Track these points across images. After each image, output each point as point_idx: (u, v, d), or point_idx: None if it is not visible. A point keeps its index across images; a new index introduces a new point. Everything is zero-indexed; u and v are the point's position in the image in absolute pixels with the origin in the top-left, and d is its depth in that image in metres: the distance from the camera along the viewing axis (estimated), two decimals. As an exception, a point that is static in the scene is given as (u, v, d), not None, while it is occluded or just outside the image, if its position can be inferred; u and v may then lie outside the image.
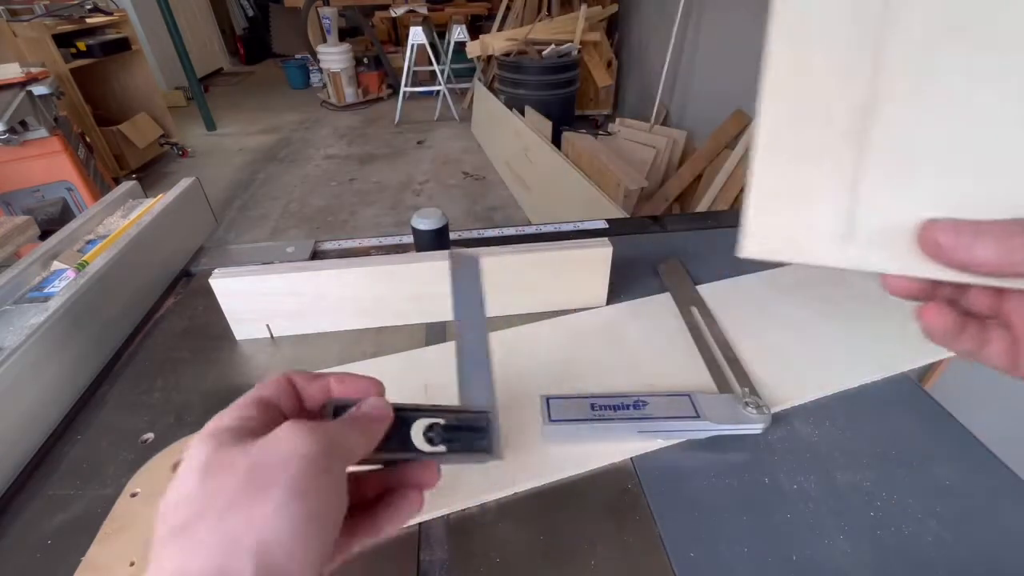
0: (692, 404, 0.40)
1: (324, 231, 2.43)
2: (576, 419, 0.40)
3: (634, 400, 0.41)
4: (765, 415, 0.41)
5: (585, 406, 0.40)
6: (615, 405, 0.40)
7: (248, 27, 5.70)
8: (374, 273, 0.54)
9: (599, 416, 0.40)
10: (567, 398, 0.41)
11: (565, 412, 0.41)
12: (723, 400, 0.42)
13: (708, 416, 0.40)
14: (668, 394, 0.41)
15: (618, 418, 0.40)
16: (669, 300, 0.58)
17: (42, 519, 0.40)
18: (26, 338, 0.44)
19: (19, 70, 1.80)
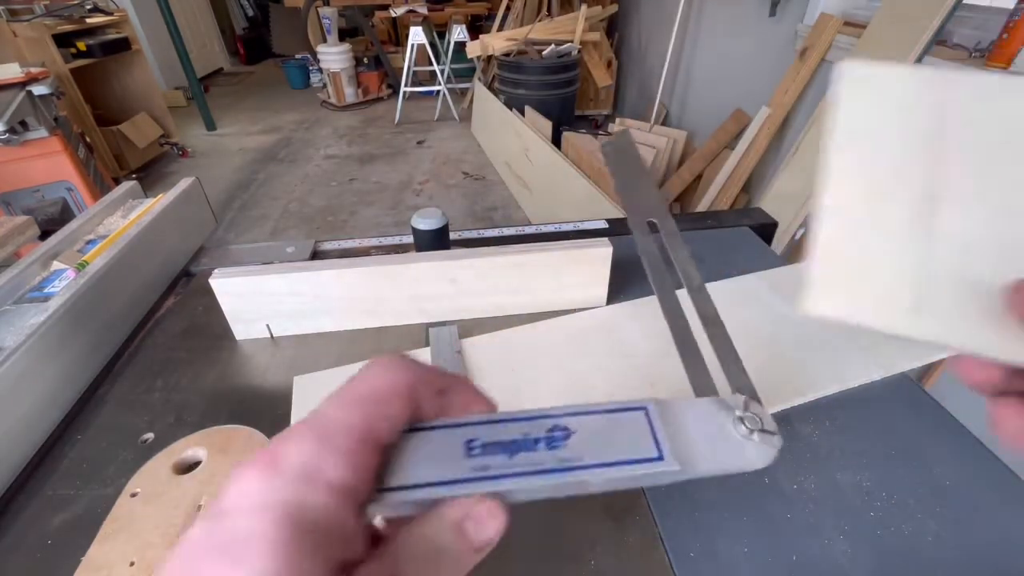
0: (650, 430, 0.20)
1: (324, 231, 2.43)
2: (427, 483, 0.18)
3: (549, 429, 0.20)
4: (770, 439, 0.21)
5: (456, 446, 0.19)
6: (512, 442, 0.20)
7: (248, 27, 5.70)
8: (374, 273, 0.54)
9: (479, 472, 0.19)
10: (420, 430, 0.19)
11: (415, 465, 0.19)
12: (703, 411, 0.22)
13: (679, 451, 0.20)
14: (612, 410, 0.21)
15: (513, 471, 0.19)
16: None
17: (42, 519, 0.40)
18: (26, 338, 0.44)
19: (19, 70, 1.80)
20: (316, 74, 4.58)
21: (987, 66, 1.29)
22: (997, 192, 0.21)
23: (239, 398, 0.50)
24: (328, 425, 0.15)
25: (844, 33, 1.74)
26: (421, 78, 3.95)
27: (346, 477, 0.15)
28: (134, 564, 0.35)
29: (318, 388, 0.49)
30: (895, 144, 0.22)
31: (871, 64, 0.23)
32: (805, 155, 1.72)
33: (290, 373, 0.51)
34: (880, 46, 1.52)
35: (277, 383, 0.51)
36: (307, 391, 0.49)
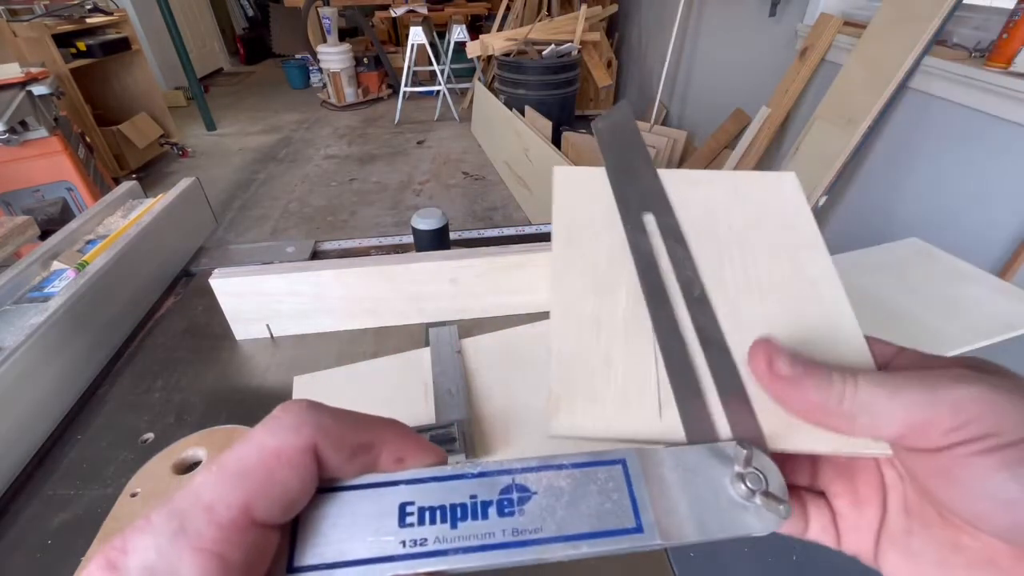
0: (628, 491, 0.16)
1: (324, 231, 2.43)
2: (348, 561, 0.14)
3: (503, 489, 0.16)
4: (775, 506, 0.16)
5: (386, 512, 0.15)
6: (456, 507, 0.16)
7: (248, 27, 5.70)
8: (374, 273, 0.54)
9: (413, 548, 0.15)
10: (345, 489, 0.16)
11: (335, 537, 0.15)
12: (695, 463, 0.17)
13: (662, 518, 0.16)
14: (583, 464, 0.17)
15: (454, 546, 0.15)
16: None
17: (42, 519, 0.40)
18: (26, 338, 0.44)
19: (19, 70, 1.80)
20: (316, 74, 4.58)
21: (987, 66, 1.29)
22: (730, 279, 0.22)
23: (239, 398, 0.50)
24: (192, 511, 0.12)
25: (844, 33, 1.74)
26: (421, 78, 3.95)
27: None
28: (134, 564, 0.35)
29: (318, 388, 0.49)
30: (608, 238, 0.24)
31: (577, 168, 0.26)
32: (805, 155, 1.72)
33: (290, 373, 0.51)
34: (880, 46, 1.52)
35: (277, 383, 0.51)
36: (307, 391, 0.49)
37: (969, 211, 1.39)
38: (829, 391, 0.16)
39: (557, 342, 0.21)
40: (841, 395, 0.16)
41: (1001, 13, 1.34)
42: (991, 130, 1.31)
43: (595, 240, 0.24)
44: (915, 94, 1.50)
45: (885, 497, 0.19)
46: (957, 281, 0.57)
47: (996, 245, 1.32)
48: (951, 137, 1.42)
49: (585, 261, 0.23)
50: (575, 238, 0.24)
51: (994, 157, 1.31)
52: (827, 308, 0.21)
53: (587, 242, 0.24)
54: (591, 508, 0.16)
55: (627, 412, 0.19)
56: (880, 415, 0.16)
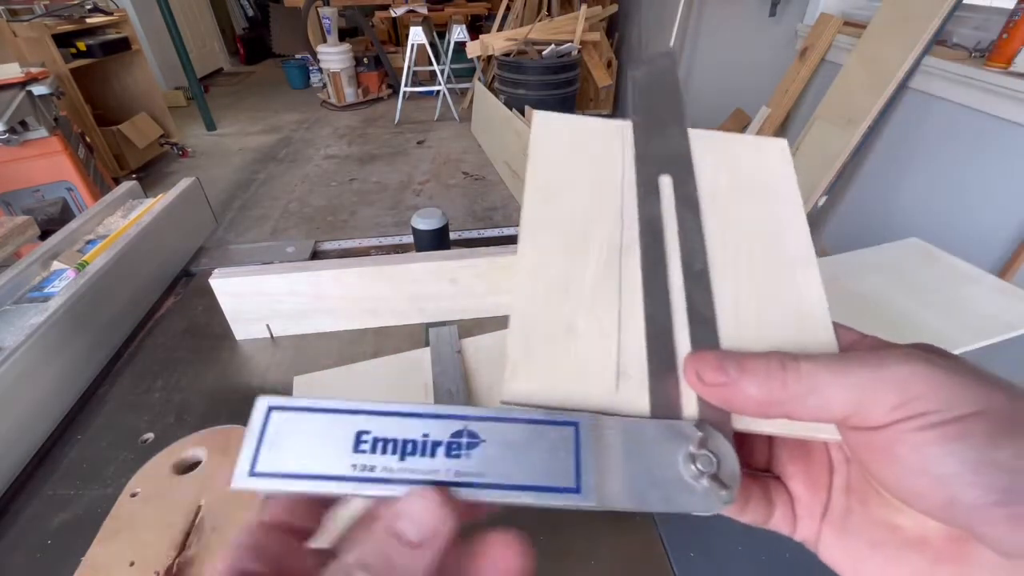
0: (575, 452, 0.17)
1: (324, 231, 2.43)
2: (305, 474, 0.16)
3: (455, 433, 0.17)
4: (718, 492, 0.17)
5: (346, 435, 0.17)
6: (408, 442, 0.17)
7: (248, 27, 5.70)
8: (374, 273, 0.54)
9: (361, 472, 0.16)
10: (312, 411, 0.17)
11: (297, 448, 0.17)
12: (650, 437, 0.18)
13: (603, 484, 0.17)
14: (538, 420, 0.17)
15: (398, 476, 0.16)
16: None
17: (42, 519, 0.40)
18: (26, 338, 0.44)
19: (19, 70, 1.80)
20: (316, 74, 4.58)
21: (987, 66, 1.29)
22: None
23: (239, 398, 0.50)
24: None
25: (844, 33, 1.74)
26: (421, 78, 3.95)
27: None
28: (134, 564, 0.35)
29: (318, 388, 0.49)
30: (587, 194, 0.22)
31: (562, 116, 0.24)
32: (805, 155, 1.72)
33: (290, 373, 0.51)
34: (880, 46, 1.52)
35: (277, 383, 0.51)
36: (307, 391, 0.49)
37: (969, 211, 1.39)
38: (769, 382, 0.16)
39: (519, 304, 0.20)
40: (783, 382, 0.16)
41: (1001, 13, 1.34)
42: (991, 130, 1.31)
43: (574, 199, 0.22)
44: (915, 94, 1.50)
45: (832, 478, 0.19)
46: (957, 281, 0.57)
47: (996, 245, 1.32)
48: (951, 137, 1.42)
49: (560, 220, 0.22)
50: (552, 195, 0.22)
51: (994, 157, 1.31)
52: (800, 292, 0.21)
53: (565, 200, 0.22)
54: (535, 463, 0.17)
55: (584, 382, 0.19)
56: (824, 395, 0.16)
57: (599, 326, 0.20)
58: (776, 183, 0.24)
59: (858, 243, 0.61)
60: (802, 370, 0.16)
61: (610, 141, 0.24)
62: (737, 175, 0.24)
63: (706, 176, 0.23)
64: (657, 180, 0.23)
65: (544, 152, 0.23)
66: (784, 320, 0.20)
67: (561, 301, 0.20)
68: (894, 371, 0.15)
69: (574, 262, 0.21)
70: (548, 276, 0.20)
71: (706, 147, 0.24)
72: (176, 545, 0.36)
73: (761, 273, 0.21)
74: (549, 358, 0.19)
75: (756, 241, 0.22)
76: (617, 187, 0.23)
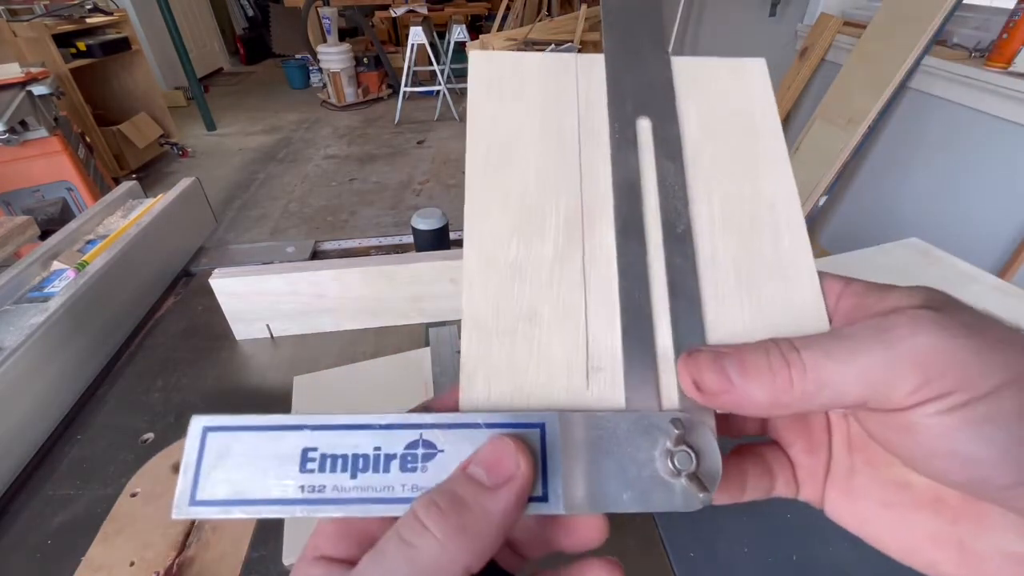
0: (541, 457, 0.16)
1: (324, 231, 2.43)
2: (244, 500, 0.15)
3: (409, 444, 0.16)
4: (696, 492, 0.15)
5: (291, 454, 0.15)
6: (359, 457, 0.15)
7: (248, 27, 5.69)
8: (374, 273, 0.54)
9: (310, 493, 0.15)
10: (252, 429, 0.16)
11: (239, 472, 0.15)
12: (623, 432, 0.16)
13: (571, 488, 0.15)
14: (499, 424, 0.16)
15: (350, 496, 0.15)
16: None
17: (42, 519, 0.40)
18: (26, 338, 0.44)
19: (19, 70, 1.80)
20: (316, 74, 4.58)
21: (987, 66, 1.29)
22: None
23: (239, 398, 0.50)
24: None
25: (844, 33, 1.74)
26: (421, 78, 3.95)
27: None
28: (134, 564, 0.35)
29: (318, 388, 0.49)
30: (540, 153, 0.19)
31: (504, 54, 0.21)
32: (805, 155, 1.72)
33: (290, 373, 0.51)
34: (880, 46, 1.52)
35: (277, 383, 0.51)
36: (307, 391, 0.49)
37: (969, 211, 1.39)
38: (774, 384, 0.15)
39: (469, 301, 0.17)
40: (789, 381, 0.15)
41: (1001, 13, 1.34)
42: (991, 130, 1.31)
43: (524, 160, 0.19)
44: (915, 94, 1.50)
45: (830, 437, 0.18)
46: (957, 281, 0.57)
47: (996, 245, 1.32)
48: (951, 137, 1.42)
49: (508, 191, 0.18)
50: (497, 159, 0.19)
51: (994, 157, 1.31)
52: (783, 243, 0.18)
53: (513, 164, 0.19)
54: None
55: (550, 378, 0.17)
56: (836, 389, 0.14)
57: (564, 311, 0.17)
58: (758, 119, 0.20)
59: (858, 243, 0.61)
60: (807, 363, 0.15)
61: (562, 79, 0.20)
62: (716, 111, 0.20)
63: (685, 116, 0.20)
64: (635, 124, 0.19)
65: (485, 107, 0.20)
66: (770, 276, 0.18)
67: (517, 287, 0.17)
68: (908, 347, 0.14)
69: (529, 240, 0.18)
70: (499, 262, 0.18)
71: (679, 79, 0.21)
72: (176, 545, 0.36)
73: (745, 223, 0.19)
74: (509, 354, 0.17)
75: (736, 192, 0.19)
76: (574, 138, 0.19)
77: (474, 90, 0.20)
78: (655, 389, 0.17)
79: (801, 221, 0.19)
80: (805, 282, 0.18)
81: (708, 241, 0.18)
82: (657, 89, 0.20)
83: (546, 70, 0.20)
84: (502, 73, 0.20)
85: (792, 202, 0.19)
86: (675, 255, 0.18)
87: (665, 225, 0.18)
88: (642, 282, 0.17)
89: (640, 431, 0.16)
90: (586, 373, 0.17)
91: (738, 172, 0.19)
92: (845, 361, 0.14)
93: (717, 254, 0.18)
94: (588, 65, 0.21)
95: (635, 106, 0.19)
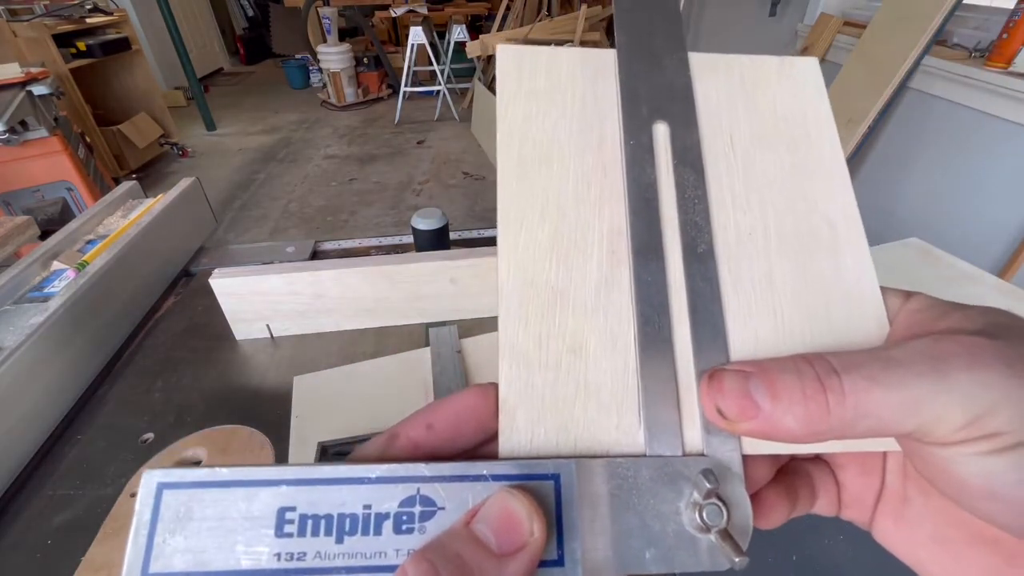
0: (555, 514, 0.14)
1: (324, 231, 2.43)
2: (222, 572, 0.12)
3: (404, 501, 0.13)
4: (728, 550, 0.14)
5: (265, 514, 0.13)
6: (345, 517, 0.13)
7: (248, 27, 5.69)
8: (374, 273, 0.54)
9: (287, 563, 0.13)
10: (217, 485, 0.13)
11: (202, 537, 0.13)
12: (645, 482, 0.14)
13: (590, 550, 0.13)
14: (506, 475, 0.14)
15: (335, 565, 0.13)
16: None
17: (42, 519, 0.40)
18: (26, 338, 0.44)
19: (19, 70, 1.80)
20: (316, 74, 4.58)
21: (987, 66, 1.29)
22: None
23: (239, 398, 0.50)
24: None
25: (844, 33, 1.74)
26: (421, 78, 3.95)
27: None
28: (134, 564, 0.35)
29: (318, 388, 0.49)
30: (579, 160, 0.17)
31: (536, 49, 0.19)
32: (805, 155, 1.71)
33: (290, 373, 0.51)
34: (880, 46, 1.52)
35: (277, 383, 0.51)
36: (307, 391, 0.49)
37: (969, 211, 1.39)
38: (809, 412, 0.13)
39: (507, 328, 0.15)
40: (825, 408, 0.13)
41: (1001, 13, 1.34)
42: (991, 130, 1.31)
43: (562, 169, 0.17)
44: (915, 94, 1.50)
45: (885, 462, 0.18)
46: (957, 281, 0.57)
47: (996, 245, 1.32)
48: (951, 137, 1.42)
49: (545, 204, 0.17)
50: (533, 167, 0.17)
51: (994, 157, 1.31)
52: (843, 261, 0.17)
53: (551, 173, 0.17)
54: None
55: (599, 420, 0.15)
56: (877, 416, 0.13)
57: (612, 342, 0.16)
58: (809, 117, 0.19)
59: (858, 243, 0.61)
60: (846, 388, 0.13)
61: (600, 79, 0.18)
62: (758, 114, 0.18)
63: (717, 119, 0.18)
64: (651, 130, 0.17)
65: (516, 105, 0.18)
66: (830, 299, 0.16)
67: (559, 315, 0.16)
68: (960, 378, 0.12)
69: (570, 260, 0.16)
70: (538, 283, 0.16)
71: (713, 77, 0.19)
72: (176, 545, 0.36)
73: (799, 243, 0.17)
74: (552, 391, 0.15)
75: (785, 204, 0.17)
76: (616, 143, 0.18)
77: (504, 87, 0.18)
78: (679, 428, 0.15)
79: (863, 240, 0.17)
80: (868, 303, 0.16)
81: (761, 260, 0.17)
82: (675, 92, 0.18)
83: (583, 67, 0.18)
84: (535, 69, 0.18)
85: (853, 220, 0.18)
86: (697, 277, 0.16)
87: (685, 242, 0.17)
88: (661, 304, 0.16)
89: (664, 480, 0.14)
90: (638, 410, 0.15)
91: (790, 186, 0.18)
92: (890, 388, 0.13)
93: (762, 271, 0.17)
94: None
95: (651, 109, 0.18)
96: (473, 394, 0.15)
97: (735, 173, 0.18)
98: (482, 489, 0.13)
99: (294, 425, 0.46)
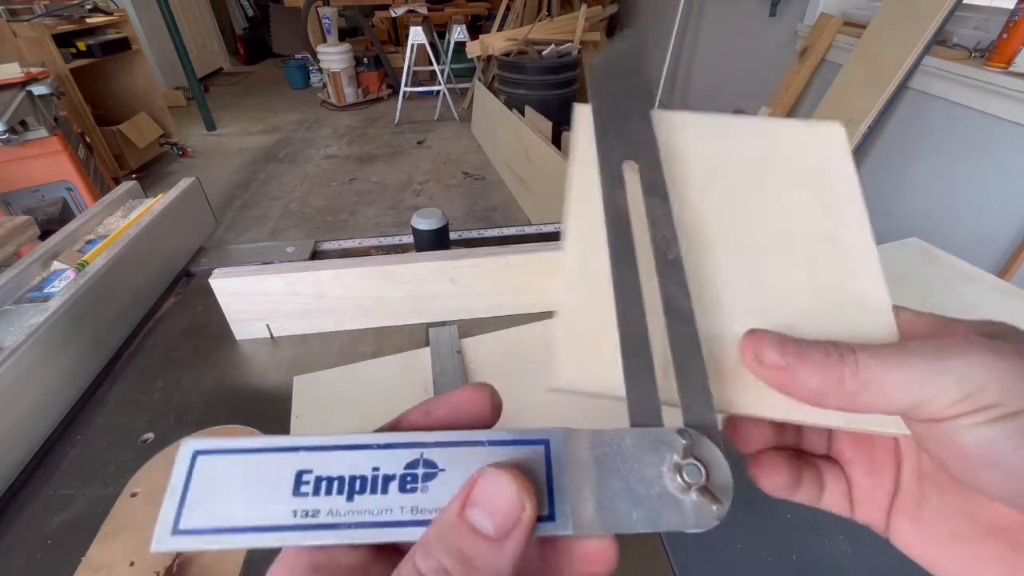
0: (546, 475, 0.15)
1: (324, 231, 2.43)
2: (244, 528, 0.14)
3: (409, 463, 0.15)
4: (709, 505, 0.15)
5: (284, 477, 0.15)
6: (356, 479, 0.15)
7: (248, 27, 5.69)
8: (374, 273, 0.54)
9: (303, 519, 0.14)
10: (244, 452, 0.15)
11: (228, 498, 0.15)
12: (630, 448, 0.16)
13: (579, 508, 0.15)
14: (502, 441, 0.16)
15: (346, 520, 0.14)
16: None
17: (42, 519, 0.40)
18: (26, 338, 0.44)
19: (19, 70, 1.80)
20: (316, 74, 4.58)
21: (987, 66, 1.29)
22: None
23: (239, 398, 0.50)
24: None
25: (844, 33, 1.74)
26: (421, 78, 3.95)
27: None
28: (134, 564, 0.35)
29: (318, 388, 0.49)
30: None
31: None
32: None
33: (290, 373, 0.51)
34: (880, 46, 1.52)
35: (277, 383, 0.51)
36: (307, 391, 0.49)
37: (969, 211, 1.39)
38: (827, 374, 0.15)
39: (568, 296, 0.20)
40: (840, 376, 0.15)
41: (1001, 13, 1.34)
42: (991, 130, 1.31)
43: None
44: (915, 94, 1.50)
45: (900, 464, 0.19)
46: (957, 280, 0.57)
47: (996, 245, 1.32)
48: (951, 137, 1.42)
49: (600, 215, 0.21)
50: (592, 190, 0.22)
51: (994, 157, 1.31)
52: (857, 278, 0.20)
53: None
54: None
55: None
56: (883, 390, 0.15)
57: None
58: (832, 185, 0.22)
59: (858, 243, 0.61)
60: (860, 365, 0.15)
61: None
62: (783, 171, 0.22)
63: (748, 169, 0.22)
64: (621, 167, 0.22)
65: (585, 146, 0.23)
66: (843, 308, 0.19)
67: (606, 297, 0.20)
68: (955, 362, 0.14)
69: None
70: (594, 270, 0.20)
71: (753, 140, 0.23)
72: (176, 545, 0.36)
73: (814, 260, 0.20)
74: (595, 347, 0.19)
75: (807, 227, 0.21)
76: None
77: (578, 128, 0.23)
78: (658, 403, 0.17)
79: (876, 259, 0.20)
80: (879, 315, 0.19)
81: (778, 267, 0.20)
82: (639, 141, 0.22)
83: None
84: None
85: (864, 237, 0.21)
86: (668, 280, 0.19)
87: (657, 252, 0.20)
88: (635, 302, 0.19)
89: (647, 447, 0.15)
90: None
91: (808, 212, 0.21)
92: (894, 367, 0.15)
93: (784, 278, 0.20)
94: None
95: (622, 154, 0.22)
96: (471, 389, 0.17)
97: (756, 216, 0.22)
98: (479, 452, 0.15)
99: (294, 425, 0.46)
